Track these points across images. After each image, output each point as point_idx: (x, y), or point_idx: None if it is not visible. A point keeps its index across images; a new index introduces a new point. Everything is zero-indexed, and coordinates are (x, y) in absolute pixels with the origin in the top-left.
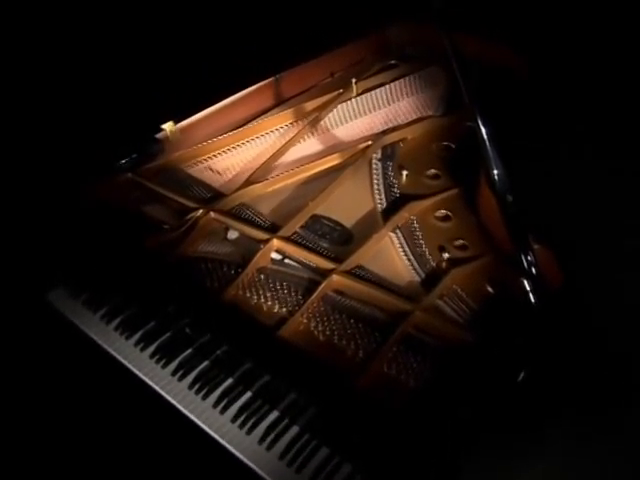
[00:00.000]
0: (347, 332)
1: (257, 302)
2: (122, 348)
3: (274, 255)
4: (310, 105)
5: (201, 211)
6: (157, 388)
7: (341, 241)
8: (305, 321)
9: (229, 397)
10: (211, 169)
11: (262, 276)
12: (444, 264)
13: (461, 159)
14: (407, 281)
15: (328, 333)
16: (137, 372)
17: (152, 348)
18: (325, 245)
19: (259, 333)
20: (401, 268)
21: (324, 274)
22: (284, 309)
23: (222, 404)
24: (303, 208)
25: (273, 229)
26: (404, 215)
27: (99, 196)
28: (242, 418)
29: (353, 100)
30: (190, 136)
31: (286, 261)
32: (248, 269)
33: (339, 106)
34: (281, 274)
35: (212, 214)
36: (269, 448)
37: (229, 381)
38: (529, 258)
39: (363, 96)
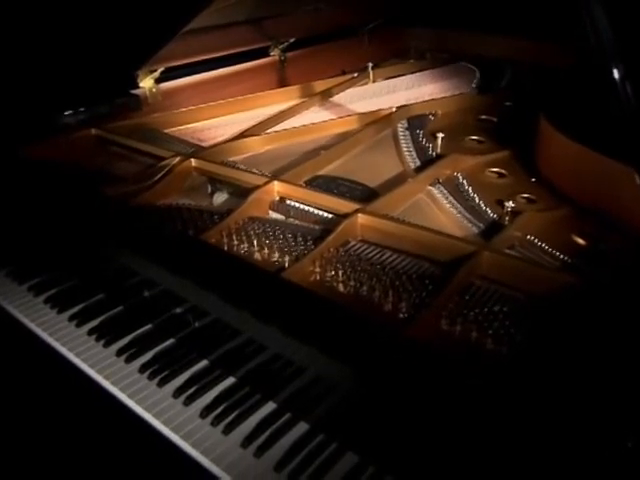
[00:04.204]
0: (381, 282)
1: (248, 250)
2: (50, 324)
3: (273, 214)
4: (320, 86)
5: (179, 158)
6: (93, 374)
7: (363, 198)
8: (318, 269)
9: (199, 384)
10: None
11: (256, 224)
12: (508, 216)
13: (507, 130)
14: (461, 234)
15: (353, 284)
16: (68, 355)
17: (95, 322)
18: None
19: (251, 282)
20: (449, 224)
21: (344, 218)
22: (287, 257)
23: (187, 393)
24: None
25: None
26: (444, 171)
27: (45, 153)
28: (217, 412)
29: (370, 84)
30: (175, 102)
31: (290, 220)
32: (236, 215)
33: (354, 87)
34: (283, 224)
35: (193, 161)
36: (258, 456)
37: (202, 364)
38: None
39: (382, 82)
